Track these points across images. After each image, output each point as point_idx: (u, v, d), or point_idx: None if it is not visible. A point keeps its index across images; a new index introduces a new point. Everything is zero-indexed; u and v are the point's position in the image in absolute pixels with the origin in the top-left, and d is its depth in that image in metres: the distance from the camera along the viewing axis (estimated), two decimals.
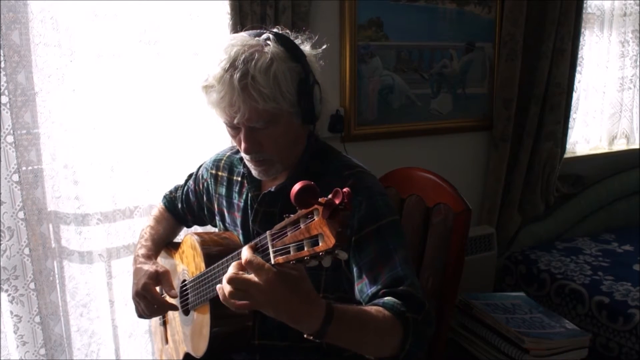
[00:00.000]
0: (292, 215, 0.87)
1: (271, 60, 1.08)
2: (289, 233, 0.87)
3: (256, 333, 1.25)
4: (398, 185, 1.62)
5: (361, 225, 1.13)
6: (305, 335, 0.93)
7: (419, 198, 1.55)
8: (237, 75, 1.06)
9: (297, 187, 0.82)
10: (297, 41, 1.17)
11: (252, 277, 0.89)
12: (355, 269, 1.13)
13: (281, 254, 0.88)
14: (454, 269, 1.42)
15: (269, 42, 1.11)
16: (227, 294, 0.91)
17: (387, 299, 1.04)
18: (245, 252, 0.91)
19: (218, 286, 0.96)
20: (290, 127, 1.15)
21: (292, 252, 0.86)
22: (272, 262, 0.89)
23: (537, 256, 2.55)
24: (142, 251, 1.44)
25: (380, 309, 1.01)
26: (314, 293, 0.92)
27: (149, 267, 1.36)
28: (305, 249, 0.83)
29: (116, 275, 1.82)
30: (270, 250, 0.90)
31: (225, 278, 0.92)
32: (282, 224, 0.89)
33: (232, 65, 1.07)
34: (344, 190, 0.81)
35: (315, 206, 0.82)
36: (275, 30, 1.16)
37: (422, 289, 1.11)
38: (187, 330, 1.33)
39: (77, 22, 1.63)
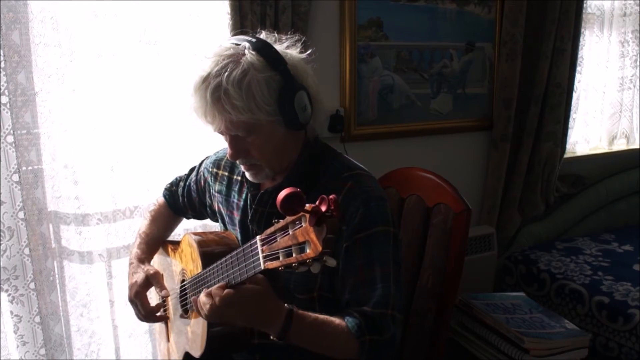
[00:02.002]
0: (281, 221, 0.88)
1: (245, 71, 1.07)
2: (278, 238, 0.88)
3: (255, 332, 1.25)
4: (398, 185, 1.62)
5: (354, 232, 1.15)
6: (271, 337, 1.05)
7: (419, 198, 1.55)
8: (210, 88, 1.07)
9: (282, 194, 0.83)
10: (284, 45, 1.16)
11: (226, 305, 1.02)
12: (340, 272, 1.17)
13: (271, 260, 0.89)
14: (454, 269, 1.42)
15: (246, 51, 1.10)
16: (204, 316, 1.06)
17: (353, 317, 1.11)
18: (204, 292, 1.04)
19: (193, 299, 1.09)
20: (274, 135, 1.15)
21: (281, 258, 0.86)
22: (262, 267, 0.91)
23: (537, 256, 2.55)
24: (135, 255, 1.46)
25: (342, 323, 1.11)
26: (277, 302, 1.04)
27: (140, 272, 1.38)
28: (294, 255, 0.84)
29: (116, 275, 1.82)
30: (260, 255, 0.91)
31: (199, 302, 1.06)
32: (272, 229, 0.90)
33: (206, 77, 1.08)
34: (330, 197, 0.81)
35: (302, 213, 0.83)
36: (259, 36, 1.16)
37: (402, 307, 1.17)
38: (187, 329, 1.33)
39: (77, 22, 1.63)
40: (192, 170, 1.52)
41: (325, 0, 2.06)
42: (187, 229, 1.77)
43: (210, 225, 1.83)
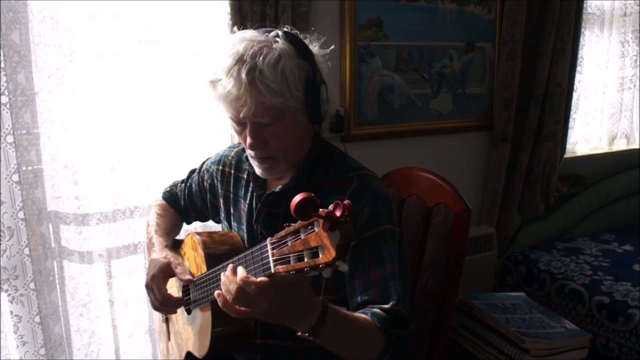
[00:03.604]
0: (292, 225, 0.87)
1: (279, 55, 1.08)
2: (289, 242, 0.87)
3: (258, 332, 1.25)
4: (398, 185, 1.62)
5: (361, 231, 1.14)
6: (299, 334, 0.97)
7: (419, 198, 1.55)
8: (245, 69, 1.06)
9: (297, 199, 0.82)
10: (306, 41, 1.17)
11: (255, 292, 0.92)
12: (347, 272, 1.15)
13: (281, 264, 0.88)
14: (454, 269, 1.42)
15: (277, 39, 1.11)
16: (231, 300, 0.95)
17: (375, 311, 1.08)
18: (241, 273, 0.94)
19: (217, 292, 0.99)
20: (296, 124, 1.15)
21: (292, 262, 0.86)
22: (272, 271, 0.90)
23: (537, 256, 2.55)
24: (157, 242, 1.39)
25: (368, 318, 1.07)
26: (312, 295, 0.97)
27: (162, 258, 1.31)
28: (306, 260, 0.83)
29: (116, 275, 1.82)
30: (271, 259, 0.91)
31: (228, 286, 0.95)
32: (283, 233, 0.89)
33: (241, 59, 1.08)
34: (345, 202, 0.81)
35: (315, 217, 0.82)
36: (284, 29, 1.17)
37: (409, 306, 1.16)
38: (190, 329, 1.33)
39: (77, 22, 1.63)
40: (192, 172, 1.51)
41: (325, 0, 2.06)
42: (187, 229, 1.77)
43: (211, 227, 1.83)
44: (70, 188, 1.70)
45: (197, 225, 1.84)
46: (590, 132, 3.00)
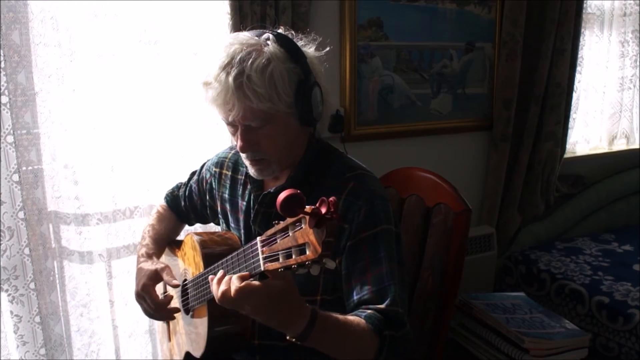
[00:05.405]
0: (281, 222, 0.88)
1: (268, 60, 1.08)
2: (278, 240, 0.88)
3: (256, 333, 1.25)
4: (398, 185, 1.62)
5: (358, 230, 1.14)
6: (287, 337, 0.99)
7: (419, 198, 1.55)
8: (232, 74, 1.06)
9: (282, 196, 0.82)
10: (301, 42, 1.17)
11: (242, 297, 0.93)
12: (344, 273, 1.16)
13: (271, 261, 0.89)
14: (454, 269, 1.42)
15: (268, 42, 1.11)
16: (218, 301, 0.97)
17: (369, 312, 1.08)
18: (235, 282, 0.94)
19: (213, 289, 0.99)
20: (288, 128, 1.15)
21: (281, 260, 0.86)
22: (262, 268, 0.91)
23: (537, 256, 2.55)
24: (143, 251, 1.43)
25: (362, 321, 1.06)
26: (300, 301, 0.98)
27: (148, 266, 1.35)
28: (293, 257, 0.84)
29: (116, 275, 1.82)
30: (260, 256, 0.91)
31: (218, 291, 0.97)
32: (272, 230, 0.90)
33: (229, 63, 1.08)
34: (330, 199, 0.81)
35: (302, 215, 0.83)
36: (278, 30, 1.16)
37: (407, 306, 1.15)
38: (188, 329, 1.33)
39: (77, 22, 1.63)
40: (193, 173, 1.52)
41: (325, 0, 2.06)
42: (188, 229, 1.77)
43: (211, 227, 1.83)
44: (70, 188, 1.70)
45: (197, 226, 1.84)
46: (590, 132, 3.00)
